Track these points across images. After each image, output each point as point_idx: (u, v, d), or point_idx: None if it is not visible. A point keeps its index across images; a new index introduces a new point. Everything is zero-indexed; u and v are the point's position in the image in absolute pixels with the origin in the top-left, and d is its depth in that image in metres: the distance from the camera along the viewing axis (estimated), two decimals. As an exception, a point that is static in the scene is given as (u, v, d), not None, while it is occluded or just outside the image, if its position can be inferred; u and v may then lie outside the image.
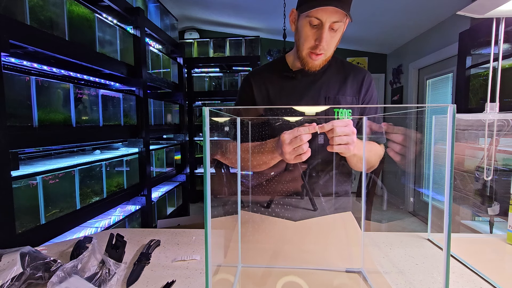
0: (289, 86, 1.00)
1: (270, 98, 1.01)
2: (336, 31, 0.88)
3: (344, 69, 1.03)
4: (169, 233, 0.89)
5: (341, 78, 1.01)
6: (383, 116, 0.76)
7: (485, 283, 0.62)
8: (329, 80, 1.00)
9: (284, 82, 1.01)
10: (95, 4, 1.56)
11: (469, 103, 1.86)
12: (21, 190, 1.02)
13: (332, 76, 1.00)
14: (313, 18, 0.85)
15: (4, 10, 0.98)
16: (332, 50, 0.93)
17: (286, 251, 0.76)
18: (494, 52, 1.10)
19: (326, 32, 0.85)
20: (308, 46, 0.90)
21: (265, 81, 1.03)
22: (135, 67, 1.84)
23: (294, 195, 1.01)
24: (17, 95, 1.03)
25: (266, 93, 1.01)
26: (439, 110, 0.88)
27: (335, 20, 0.84)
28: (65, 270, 0.57)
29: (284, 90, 1.00)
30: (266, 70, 1.07)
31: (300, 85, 0.99)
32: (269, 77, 1.04)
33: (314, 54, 0.90)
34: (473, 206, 1.24)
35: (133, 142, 1.84)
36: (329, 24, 0.85)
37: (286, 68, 1.03)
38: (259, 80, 1.04)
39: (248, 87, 1.04)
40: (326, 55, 0.92)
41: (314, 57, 0.91)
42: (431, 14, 2.97)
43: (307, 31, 0.88)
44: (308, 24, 0.87)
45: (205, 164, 0.41)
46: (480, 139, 1.37)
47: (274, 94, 1.01)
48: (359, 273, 0.65)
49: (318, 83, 0.99)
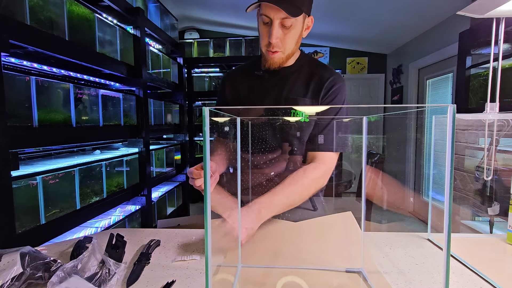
0: (258, 85, 1.01)
1: (240, 96, 1.03)
2: (290, 27, 0.87)
3: (312, 70, 1.00)
4: (169, 233, 0.89)
5: (306, 79, 0.98)
6: (383, 116, 0.76)
7: (485, 283, 0.62)
8: (295, 81, 0.98)
9: (255, 81, 1.02)
10: (95, 4, 1.56)
11: (469, 103, 1.86)
12: (21, 190, 1.02)
13: (298, 77, 0.99)
14: (264, 16, 0.86)
15: (4, 10, 0.98)
16: (291, 47, 0.91)
17: (286, 251, 0.76)
18: (494, 52, 1.10)
19: (275, 29, 0.85)
20: (264, 44, 0.91)
21: (237, 80, 1.06)
22: (135, 67, 1.84)
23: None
24: (17, 95, 1.03)
25: (237, 92, 1.04)
26: (439, 110, 0.88)
27: (284, 17, 0.84)
28: (65, 270, 0.57)
29: (252, 89, 1.02)
30: (241, 69, 1.10)
31: (267, 84, 1.00)
32: (241, 76, 1.07)
33: (269, 51, 0.91)
34: (473, 206, 1.24)
35: (133, 142, 1.84)
36: (279, 21, 0.85)
37: (258, 67, 1.03)
38: (232, 80, 1.07)
39: (222, 87, 1.08)
40: (284, 52, 0.91)
41: (271, 54, 0.91)
42: (431, 14, 2.97)
43: (262, 29, 0.90)
44: (262, 23, 0.88)
45: (205, 164, 0.41)
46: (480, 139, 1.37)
47: (243, 92, 1.03)
48: (359, 273, 0.65)
49: (281, 83, 0.99)
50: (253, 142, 0.97)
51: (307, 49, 4.52)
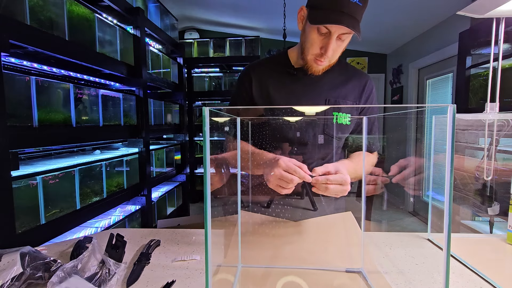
0: (290, 83, 0.98)
1: (270, 94, 0.97)
2: (344, 41, 0.87)
3: (347, 72, 1.01)
4: (169, 233, 0.89)
5: (343, 81, 0.99)
6: (383, 115, 0.76)
7: (485, 283, 0.62)
8: (331, 82, 0.98)
9: (285, 78, 0.98)
10: (95, 4, 1.56)
11: (469, 103, 1.86)
12: (21, 190, 1.02)
13: (334, 78, 0.99)
14: (322, 27, 0.84)
15: (4, 10, 0.98)
16: (337, 57, 0.93)
17: (286, 251, 0.76)
18: (494, 52, 1.10)
19: (333, 42, 0.85)
20: (313, 52, 0.89)
21: (266, 75, 1.00)
22: (135, 67, 1.84)
23: (294, 195, 1.01)
24: (17, 95, 1.03)
25: (266, 89, 0.98)
26: (439, 110, 0.88)
27: (344, 32, 0.84)
28: (65, 270, 0.57)
29: (284, 87, 0.98)
30: (267, 64, 1.03)
31: (301, 84, 0.97)
32: (269, 71, 1.00)
33: (318, 60, 0.90)
34: (473, 206, 1.24)
35: (133, 142, 1.84)
36: (337, 34, 0.84)
37: (288, 64, 1.00)
38: (259, 74, 1.00)
39: (248, 81, 1.00)
40: (330, 61, 0.92)
41: (319, 63, 0.90)
42: (431, 14, 2.97)
43: (315, 38, 0.87)
44: (316, 31, 0.86)
45: (205, 164, 0.41)
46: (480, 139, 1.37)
47: (274, 90, 0.98)
48: (359, 273, 0.65)
49: (319, 84, 0.97)
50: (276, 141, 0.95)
51: (307, 49, 4.52)
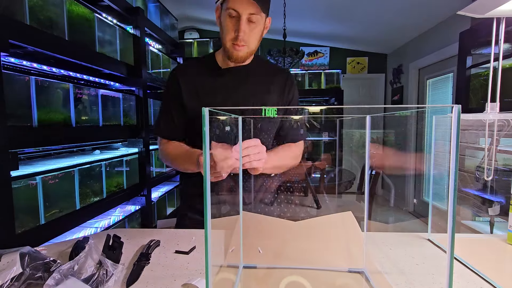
0: (218, 83, 1.01)
1: (198, 94, 1.01)
2: (256, 23, 0.91)
3: (269, 68, 1.07)
4: (169, 233, 0.89)
5: (268, 77, 1.04)
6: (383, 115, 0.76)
7: (485, 283, 0.61)
8: (256, 79, 1.02)
9: (213, 79, 1.02)
10: (95, 4, 1.56)
11: (469, 103, 1.86)
12: (20, 190, 1.02)
13: (258, 76, 1.03)
14: (231, 10, 0.88)
15: (4, 10, 0.97)
16: (255, 43, 0.96)
17: (288, 251, 0.76)
18: (494, 52, 1.10)
19: (243, 23, 0.89)
20: (229, 38, 0.93)
21: (193, 77, 1.04)
22: (135, 67, 1.84)
23: (298, 192, 1.02)
24: (17, 95, 1.02)
25: (195, 89, 1.01)
26: (439, 110, 0.88)
27: (252, 12, 0.88)
28: (62, 271, 0.57)
29: (213, 87, 1.01)
30: (193, 66, 1.08)
31: (229, 83, 1.01)
32: (197, 73, 1.05)
33: (236, 45, 0.93)
34: (473, 206, 1.24)
35: (133, 142, 1.84)
36: (246, 15, 0.89)
37: (215, 65, 1.03)
38: (186, 76, 1.04)
39: (176, 83, 1.03)
40: (249, 47, 0.95)
41: (237, 47, 0.93)
42: (431, 14, 2.97)
43: (228, 23, 0.92)
44: (228, 16, 0.91)
45: (205, 164, 0.41)
46: (480, 139, 1.37)
47: (203, 90, 1.01)
48: (361, 273, 0.65)
49: (246, 82, 1.01)
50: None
51: (307, 49, 4.52)
